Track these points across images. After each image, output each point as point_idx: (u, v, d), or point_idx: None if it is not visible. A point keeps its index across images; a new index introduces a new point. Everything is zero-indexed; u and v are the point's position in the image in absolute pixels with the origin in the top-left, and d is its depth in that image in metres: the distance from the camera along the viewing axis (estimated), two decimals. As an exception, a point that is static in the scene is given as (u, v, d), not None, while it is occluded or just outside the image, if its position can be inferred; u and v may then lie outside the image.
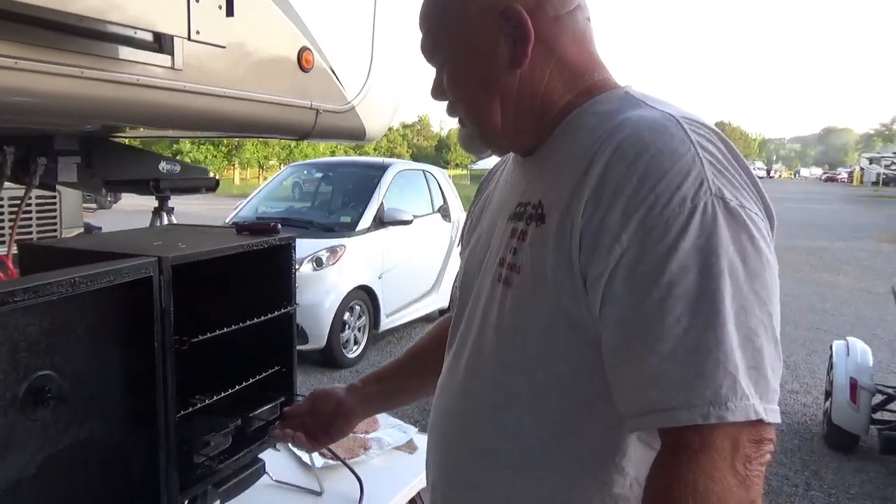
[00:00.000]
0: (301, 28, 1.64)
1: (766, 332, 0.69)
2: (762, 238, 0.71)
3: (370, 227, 5.77)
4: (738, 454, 0.67)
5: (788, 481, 3.74)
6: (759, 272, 0.70)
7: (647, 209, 0.70)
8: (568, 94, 0.86)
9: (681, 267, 0.68)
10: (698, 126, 0.76)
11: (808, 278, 10.38)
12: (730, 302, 0.67)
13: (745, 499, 0.67)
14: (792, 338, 6.73)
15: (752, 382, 0.67)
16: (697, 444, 0.67)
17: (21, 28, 1.01)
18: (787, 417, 4.68)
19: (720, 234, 0.68)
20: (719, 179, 0.71)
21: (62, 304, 0.92)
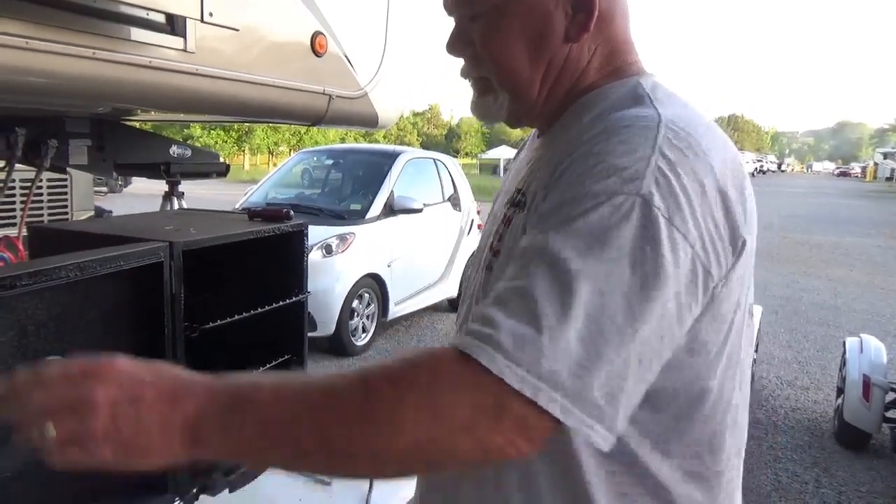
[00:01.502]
0: (315, 12, 1.62)
1: (618, 349, 0.60)
2: (672, 261, 0.63)
3: (380, 215, 5.74)
4: (485, 407, 0.59)
5: (798, 478, 3.71)
6: (643, 287, 0.62)
7: (569, 187, 0.67)
8: (599, 73, 0.81)
9: (564, 240, 0.63)
10: (684, 136, 0.69)
11: (819, 273, 10.30)
12: (591, 295, 0.60)
13: (429, 432, 0.58)
14: (803, 333, 6.68)
15: (567, 372, 0.58)
16: (461, 369, 0.60)
17: (33, 8, 1.00)
18: (797, 414, 4.65)
19: (621, 230, 0.63)
20: (659, 188, 0.64)
21: (71, 288, 0.90)
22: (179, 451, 0.59)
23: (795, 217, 19.74)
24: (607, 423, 0.60)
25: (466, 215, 7.03)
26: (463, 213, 6.99)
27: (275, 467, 0.66)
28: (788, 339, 6.48)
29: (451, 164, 7.24)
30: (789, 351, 6.08)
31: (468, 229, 7.02)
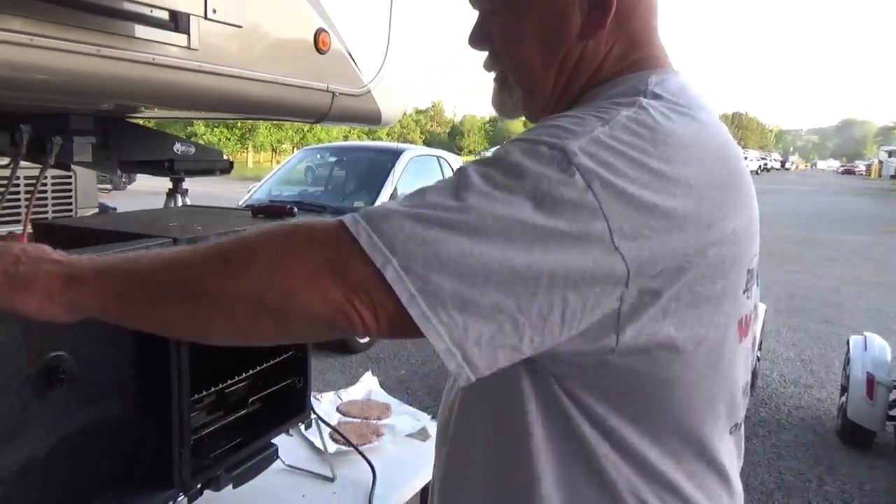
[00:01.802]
0: (318, 9, 1.62)
1: (488, 276, 0.58)
2: (567, 220, 0.59)
3: (383, 213, 5.75)
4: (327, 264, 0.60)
5: (802, 476, 3.70)
6: (535, 230, 0.59)
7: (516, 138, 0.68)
8: (614, 67, 0.79)
9: (476, 167, 0.64)
10: (641, 129, 0.66)
11: (823, 272, 10.28)
12: (476, 209, 0.59)
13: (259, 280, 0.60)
14: (807, 332, 6.68)
15: (424, 263, 0.57)
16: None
17: (37, 5, 1.00)
18: (800, 412, 4.65)
19: (528, 168, 0.61)
20: (592, 150, 0.62)
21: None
22: (56, 294, 0.66)
23: (799, 215, 19.70)
24: (458, 340, 0.58)
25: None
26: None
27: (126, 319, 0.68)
28: (792, 337, 6.47)
29: (455, 162, 7.24)
30: (793, 349, 6.07)
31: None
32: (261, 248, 0.61)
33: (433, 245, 0.58)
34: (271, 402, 1.34)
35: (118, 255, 0.70)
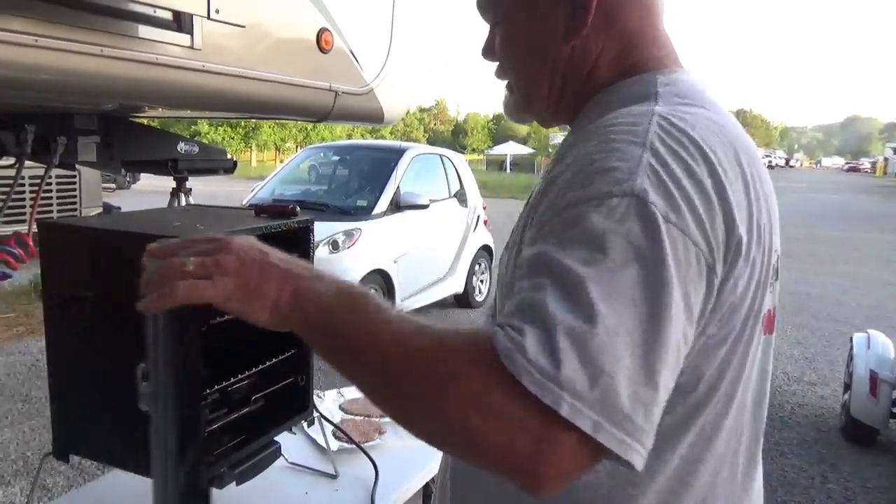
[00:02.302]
0: (320, 8, 1.63)
1: (635, 349, 0.58)
2: (674, 260, 0.61)
3: (386, 211, 5.76)
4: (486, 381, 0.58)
5: (805, 473, 3.70)
6: (651, 287, 0.60)
7: (565, 193, 0.67)
8: (611, 70, 0.80)
9: (570, 250, 0.62)
10: (676, 133, 0.68)
11: (827, 269, 10.26)
12: (600, 304, 0.58)
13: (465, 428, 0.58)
14: (810, 329, 6.67)
15: (593, 383, 0.56)
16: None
17: (42, 6, 1.01)
18: (804, 409, 4.64)
19: (621, 231, 0.61)
20: (653, 186, 0.63)
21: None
22: (283, 307, 0.69)
23: (804, 213, 19.64)
24: (637, 434, 0.57)
25: (473, 211, 7.03)
26: (469, 208, 6.99)
27: (334, 365, 0.69)
28: (796, 335, 6.46)
29: (458, 160, 7.24)
30: (797, 347, 6.06)
31: (474, 225, 7.03)
32: (463, 377, 0.59)
33: (593, 363, 0.57)
34: (274, 400, 1.35)
35: (341, 291, 0.70)
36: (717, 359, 0.71)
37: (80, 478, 3.29)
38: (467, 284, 7.00)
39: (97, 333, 1.14)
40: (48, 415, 1.23)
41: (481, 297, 7.36)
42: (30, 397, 4.28)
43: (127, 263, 1.12)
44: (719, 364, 0.71)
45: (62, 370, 1.20)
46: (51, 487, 3.21)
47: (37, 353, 5.03)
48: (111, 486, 1.51)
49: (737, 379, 0.74)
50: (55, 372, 1.21)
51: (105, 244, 1.15)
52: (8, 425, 3.88)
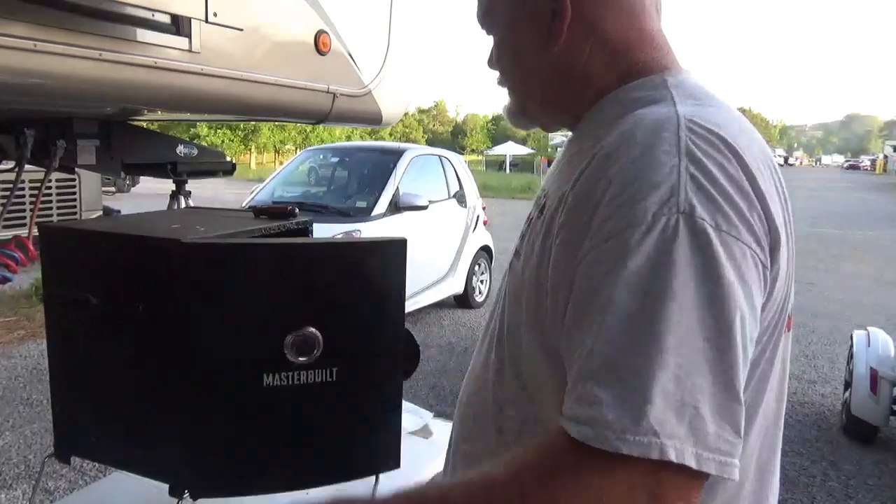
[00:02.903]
0: (318, 11, 1.63)
1: (710, 368, 0.59)
2: (732, 267, 0.62)
3: (386, 213, 5.76)
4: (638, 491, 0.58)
5: (805, 471, 3.71)
6: (714, 301, 0.61)
7: (609, 217, 0.65)
8: (608, 74, 0.81)
9: (626, 284, 0.62)
10: (706, 134, 0.68)
11: (828, 267, 10.26)
12: (670, 337, 0.59)
13: None
14: (811, 327, 6.67)
15: (680, 419, 0.58)
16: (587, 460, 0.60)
17: (40, 11, 1.01)
18: (804, 408, 4.65)
19: (675, 254, 0.61)
20: (697, 196, 0.63)
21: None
22: None
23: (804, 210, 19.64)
24: (728, 449, 0.59)
25: (472, 212, 7.04)
26: (468, 209, 6.99)
27: None
28: (796, 333, 6.41)
29: (457, 161, 7.24)
30: (797, 345, 6.05)
31: (474, 226, 7.03)
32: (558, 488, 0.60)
33: (674, 400, 0.58)
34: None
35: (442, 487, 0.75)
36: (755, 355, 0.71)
37: (82, 480, 3.30)
38: (467, 285, 7.01)
39: (98, 335, 1.15)
40: (50, 418, 1.24)
41: (481, 297, 7.36)
42: (31, 401, 4.29)
43: (128, 265, 1.14)
44: (754, 360, 0.70)
45: (63, 372, 1.21)
46: (52, 490, 3.22)
47: (38, 357, 5.04)
48: (112, 487, 1.52)
49: (765, 377, 0.75)
50: (56, 374, 1.21)
51: (106, 246, 1.15)
52: (9, 429, 3.89)
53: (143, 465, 1.16)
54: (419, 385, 4.57)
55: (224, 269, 1.10)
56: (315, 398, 1.13)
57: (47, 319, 1.20)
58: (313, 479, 1.21)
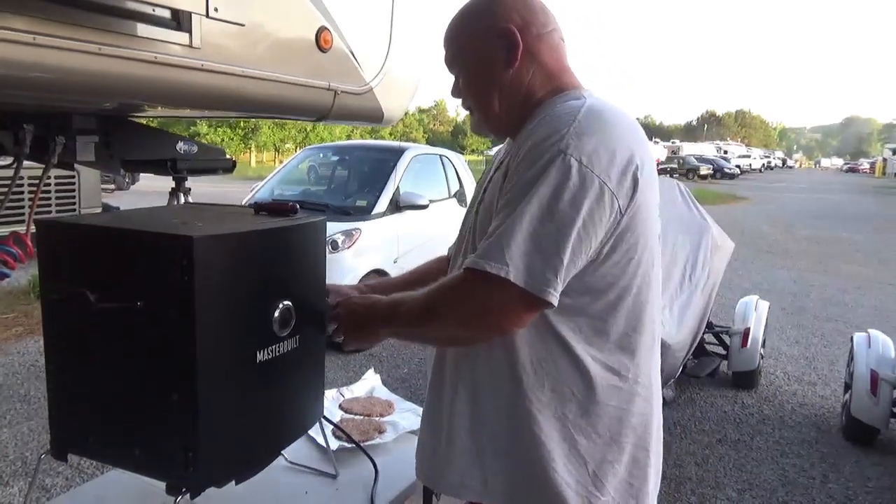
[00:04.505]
0: (320, 7, 1.62)
1: (550, 240, 1.05)
2: (581, 186, 1.05)
3: (386, 212, 5.75)
4: (477, 290, 1.09)
5: (805, 473, 3.69)
6: (564, 202, 1.04)
7: (525, 155, 1.11)
8: (543, 90, 1.23)
9: (520, 188, 1.08)
10: (599, 113, 1.12)
11: (827, 269, 10.26)
12: (532, 219, 1.05)
13: (453, 312, 1.14)
14: (810, 329, 6.66)
15: (523, 260, 1.04)
16: (464, 274, 1.11)
17: (39, 4, 1.00)
18: (804, 409, 4.64)
19: (549, 173, 1.06)
20: (574, 142, 1.06)
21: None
22: (382, 333, 1.31)
23: (803, 213, 19.65)
24: (551, 285, 1.05)
25: (472, 211, 7.01)
26: (469, 208, 6.96)
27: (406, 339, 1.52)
28: (796, 335, 6.46)
29: (457, 160, 7.23)
30: (797, 347, 6.06)
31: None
32: (439, 314, 1.18)
33: (522, 251, 1.07)
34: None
35: (395, 302, 1.25)
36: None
37: (79, 478, 3.29)
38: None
39: (95, 332, 1.14)
40: (47, 415, 1.23)
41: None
42: (28, 397, 4.27)
43: (125, 261, 1.13)
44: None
45: (60, 369, 1.20)
46: (49, 488, 3.20)
47: (35, 354, 5.02)
48: (109, 485, 1.51)
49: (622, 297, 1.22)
50: (53, 370, 1.20)
51: (104, 241, 1.14)
52: (6, 425, 3.87)
53: (140, 463, 1.15)
54: (419, 385, 4.56)
55: (229, 260, 1.11)
56: (291, 365, 1.27)
57: (44, 316, 1.19)
58: (286, 440, 1.38)
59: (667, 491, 3.38)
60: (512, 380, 1.16)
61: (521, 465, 1.16)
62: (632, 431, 1.18)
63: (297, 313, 1.26)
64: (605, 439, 1.16)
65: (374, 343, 1.39)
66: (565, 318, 1.14)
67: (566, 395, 1.15)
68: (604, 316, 1.15)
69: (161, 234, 1.08)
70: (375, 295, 1.36)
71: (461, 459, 1.21)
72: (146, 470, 1.16)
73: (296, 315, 1.26)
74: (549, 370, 1.15)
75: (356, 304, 1.30)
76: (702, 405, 4.64)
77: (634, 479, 1.19)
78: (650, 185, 1.13)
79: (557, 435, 1.14)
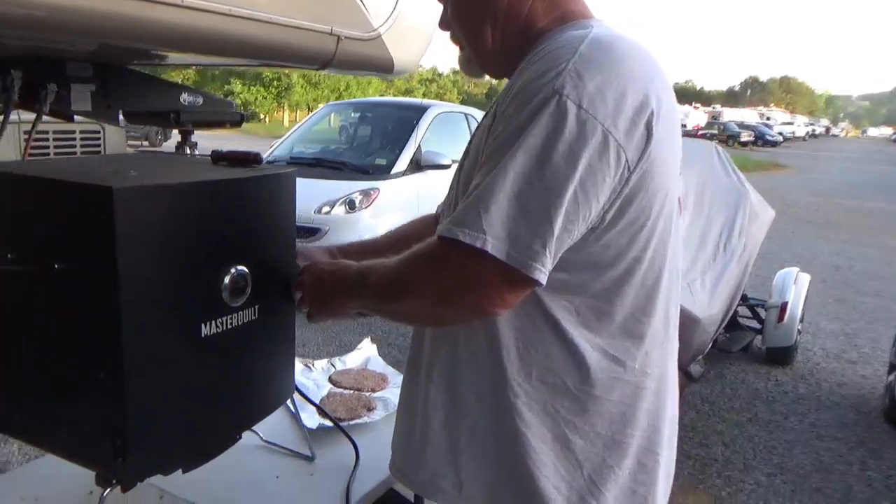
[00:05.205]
0: (321, -56, 1.51)
1: (537, 202, 0.84)
2: (578, 134, 0.83)
3: (406, 171, 5.55)
4: (450, 263, 0.88)
5: (842, 458, 3.46)
6: (558, 164, 0.83)
7: (517, 94, 0.89)
8: (546, 18, 1.01)
9: (505, 137, 0.87)
10: (603, 45, 0.89)
11: (872, 242, 9.85)
12: (515, 166, 0.84)
13: (423, 280, 0.93)
14: (852, 304, 6.36)
15: (504, 227, 0.84)
16: (438, 242, 0.90)
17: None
18: (843, 389, 4.38)
19: (539, 119, 0.84)
20: (571, 81, 0.84)
21: None
22: (349, 306, 1.09)
23: (848, 183, 18.98)
24: (538, 260, 0.84)
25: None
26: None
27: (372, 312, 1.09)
28: (836, 309, 6.15)
29: (484, 120, 6.98)
30: (837, 322, 5.77)
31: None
32: (406, 285, 0.97)
33: (503, 215, 0.86)
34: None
35: (364, 270, 1.04)
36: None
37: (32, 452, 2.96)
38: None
39: (14, 296, 0.98)
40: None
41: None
42: None
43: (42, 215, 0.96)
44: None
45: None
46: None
47: None
48: (37, 473, 1.37)
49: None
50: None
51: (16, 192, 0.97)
52: None
53: (67, 447, 1.00)
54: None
55: (162, 216, 0.94)
56: (247, 340, 1.10)
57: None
58: (245, 424, 1.20)
59: (690, 472, 3.20)
60: (494, 366, 0.97)
61: (502, 468, 0.98)
62: (638, 431, 0.98)
63: (256, 281, 1.08)
64: (604, 439, 0.96)
65: (343, 317, 1.19)
66: (559, 298, 0.93)
67: (558, 387, 0.95)
68: (607, 296, 0.94)
69: (77, 185, 0.91)
70: (345, 261, 1.14)
71: (434, 456, 1.03)
72: (74, 456, 1.01)
73: (253, 283, 1.08)
74: (538, 358, 0.95)
75: (321, 271, 1.10)
76: (732, 381, 4.42)
77: (639, 485, 0.99)
78: (669, 136, 0.91)
79: (547, 433, 0.95)
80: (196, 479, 1.13)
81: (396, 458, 1.13)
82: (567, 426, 0.95)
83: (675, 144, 0.96)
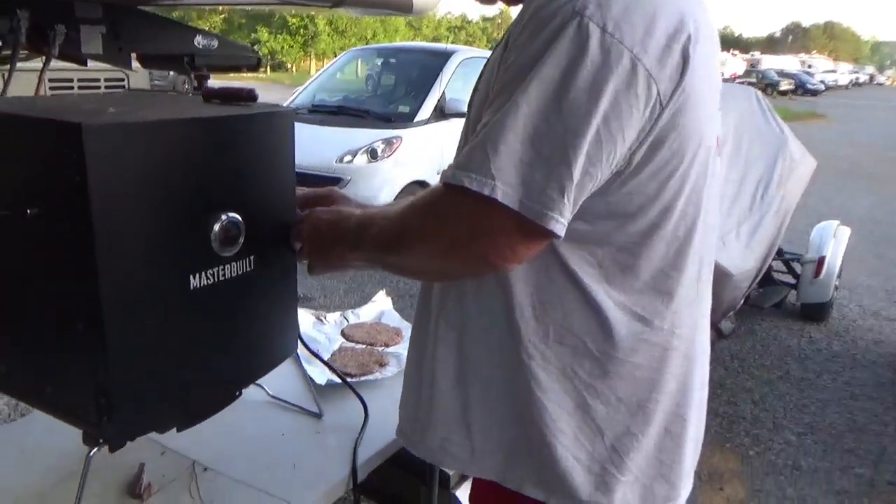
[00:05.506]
0: None
1: (553, 142, 0.73)
2: (602, 63, 0.72)
3: (430, 119, 5.40)
4: (458, 211, 0.79)
5: (877, 419, 3.34)
6: (578, 98, 0.72)
7: (531, 19, 0.78)
8: None
9: (517, 69, 0.76)
10: None
11: (915, 194, 9.45)
12: (529, 101, 0.73)
13: (431, 231, 0.83)
14: (892, 260, 6.14)
15: (516, 172, 0.74)
16: (442, 189, 0.80)
17: None
18: (880, 347, 4.23)
19: (557, 45, 0.73)
20: (595, 2, 0.73)
21: None
22: (349, 258, 0.99)
23: (891, 134, 18.21)
24: (555, 208, 0.74)
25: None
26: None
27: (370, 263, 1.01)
28: (876, 265, 5.93)
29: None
30: (876, 278, 5.56)
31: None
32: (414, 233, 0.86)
33: (515, 158, 0.77)
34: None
35: (365, 221, 0.95)
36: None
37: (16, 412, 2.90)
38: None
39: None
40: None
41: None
42: None
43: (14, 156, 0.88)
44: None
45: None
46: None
47: None
48: (26, 430, 1.33)
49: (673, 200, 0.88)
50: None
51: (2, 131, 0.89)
52: None
53: (51, 402, 0.95)
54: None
55: (141, 157, 0.86)
56: (242, 292, 1.02)
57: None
58: (243, 381, 1.13)
59: (717, 430, 3.12)
60: (507, 326, 0.88)
61: (517, 434, 0.90)
62: (664, 396, 0.89)
63: (250, 229, 1.00)
64: (628, 405, 0.88)
65: (344, 269, 1.10)
66: (580, 250, 0.83)
67: (578, 349, 0.86)
68: (634, 248, 0.83)
69: (46, 121, 0.82)
70: (347, 209, 1.05)
71: (443, 419, 0.95)
72: (58, 412, 0.95)
73: (247, 231, 0.99)
74: (555, 316, 0.85)
75: (320, 220, 1.02)
76: (763, 337, 4.29)
77: (666, 454, 0.91)
78: (707, 69, 0.79)
79: (566, 398, 0.87)
80: (199, 436, 1.09)
81: (403, 423, 1.06)
82: (587, 391, 0.86)
83: (714, 78, 0.84)
